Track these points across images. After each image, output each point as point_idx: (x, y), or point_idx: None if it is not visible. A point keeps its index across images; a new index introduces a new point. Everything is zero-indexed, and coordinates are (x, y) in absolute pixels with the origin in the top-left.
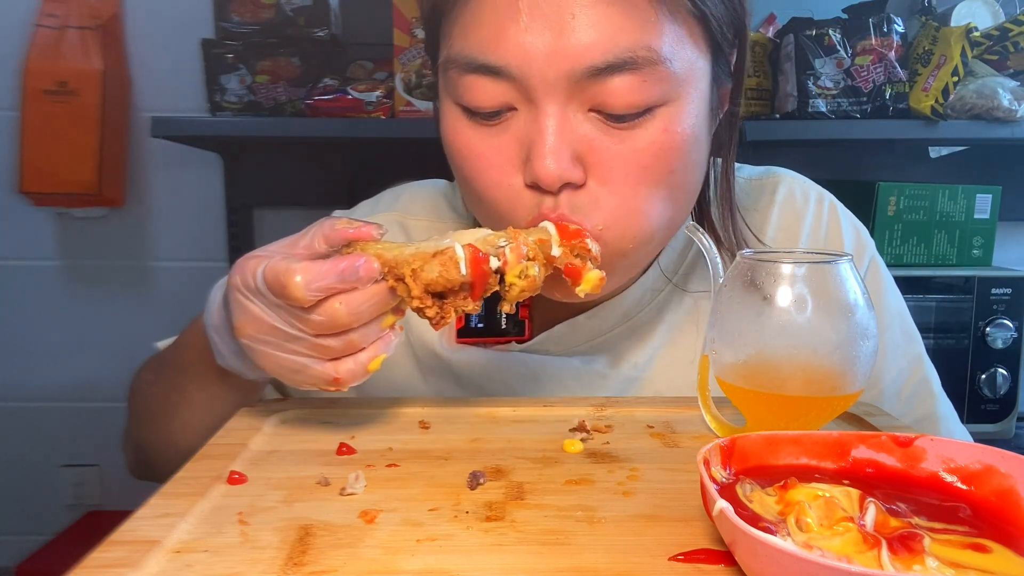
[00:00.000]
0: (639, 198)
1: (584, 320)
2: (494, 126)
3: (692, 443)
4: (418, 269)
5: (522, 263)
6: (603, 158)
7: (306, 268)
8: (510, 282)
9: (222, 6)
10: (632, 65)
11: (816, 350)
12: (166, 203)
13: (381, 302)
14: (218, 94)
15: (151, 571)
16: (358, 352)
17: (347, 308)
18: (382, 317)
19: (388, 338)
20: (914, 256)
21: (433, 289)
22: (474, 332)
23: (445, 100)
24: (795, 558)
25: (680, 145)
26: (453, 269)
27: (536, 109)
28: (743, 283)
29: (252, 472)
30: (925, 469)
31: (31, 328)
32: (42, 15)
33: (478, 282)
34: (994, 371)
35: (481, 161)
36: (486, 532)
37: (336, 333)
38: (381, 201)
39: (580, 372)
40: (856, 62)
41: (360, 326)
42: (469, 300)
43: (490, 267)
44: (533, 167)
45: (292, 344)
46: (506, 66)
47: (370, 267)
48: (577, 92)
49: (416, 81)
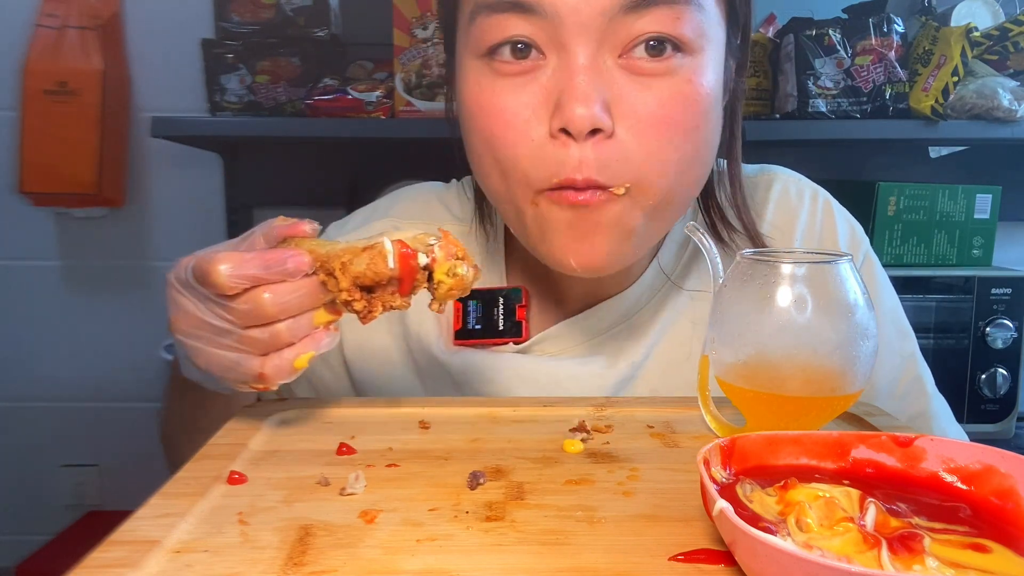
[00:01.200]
0: (664, 152)
1: (581, 320)
2: (519, 77)
3: (692, 443)
4: (347, 262)
5: (451, 261)
6: (631, 107)
7: (230, 255)
8: (438, 280)
9: (222, 6)
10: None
11: (816, 350)
12: (166, 203)
13: (309, 295)
14: (218, 94)
15: (151, 571)
16: (284, 348)
17: (272, 298)
18: (313, 313)
19: (319, 336)
20: (914, 256)
21: (362, 283)
22: (471, 334)
23: (467, 62)
24: (795, 558)
25: (702, 99)
26: (381, 262)
27: (567, 54)
28: (743, 283)
29: (252, 472)
30: (925, 469)
31: (31, 328)
32: (42, 15)
33: (406, 277)
34: (994, 371)
35: (505, 115)
36: (486, 532)
37: (262, 325)
38: (378, 208)
39: (577, 373)
40: (856, 62)
41: (288, 319)
42: (397, 295)
43: (418, 263)
44: (563, 112)
45: (222, 338)
46: (539, 4)
47: (299, 259)
48: (609, 34)
49: (416, 81)
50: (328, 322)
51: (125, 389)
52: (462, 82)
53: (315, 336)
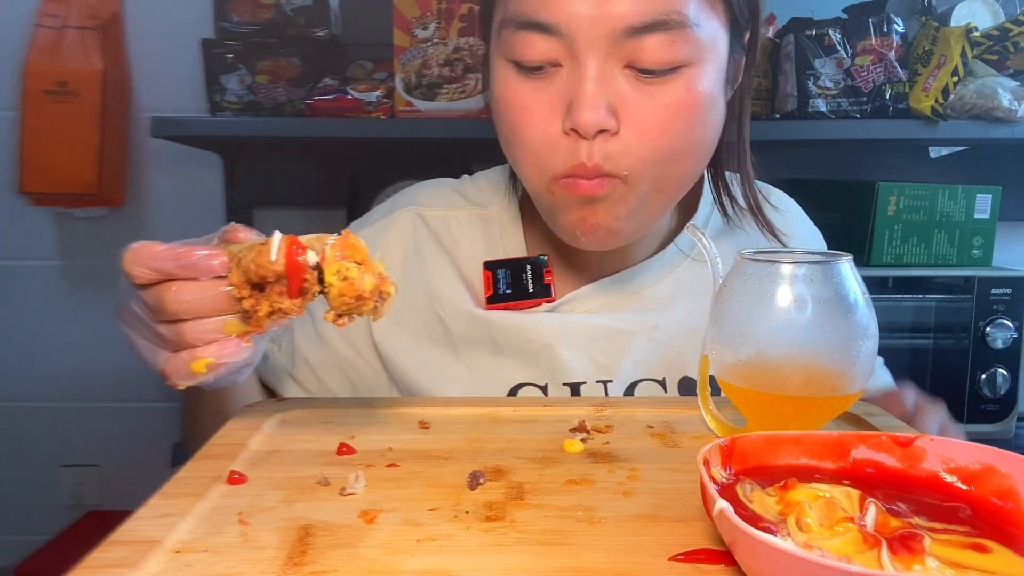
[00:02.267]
0: (661, 149)
1: (608, 283)
2: (540, 79)
3: (692, 443)
4: (242, 257)
5: (343, 263)
6: (634, 110)
7: (144, 246)
8: (328, 282)
9: (222, 6)
10: (664, 26)
11: (816, 350)
12: (166, 203)
13: (211, 299)
14: (218, 94)
15: (151, 571)
16: (186, 350)
17: (175, 294)
18: (222, 320)
19: (225, 344)
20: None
21: (250, 278)
22: (503, 298)
23: (497, 60)
24: (795, 558)
25: (700, 104)
26: (265, 255)
27: (579, 65)
28: (743, 283)
29: (252, 472)
30: (925, 469)
31: (31, 328)
32: (42, 15)
33: (292, 275)
34: (994, 371)
35: (527, 111)
36: (486, 532)
37: (168, 321)
38: (397, 201)
39: (607, 329)
40: (856, 62)
41: (192, 320)
42: (285, 296)
43: (306, 261)
44: (574, 115)
45: (143, 329)
46: (556, 24)
47: (210, 258)
48: (615, 50)
49: (416, 81)
50: (242, 333)
51: (125, 389)
52: (493, 75)
53: (221, 344)
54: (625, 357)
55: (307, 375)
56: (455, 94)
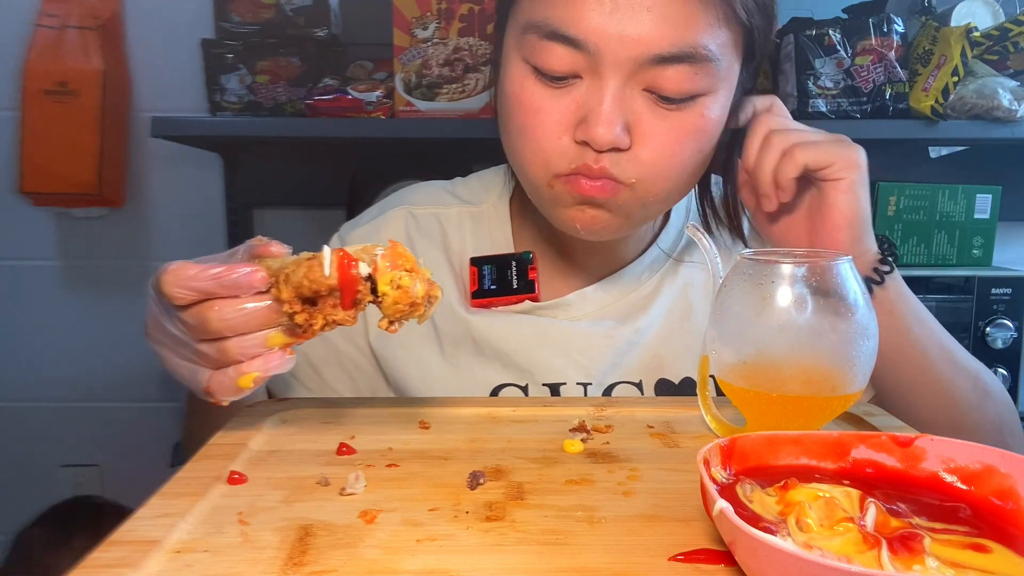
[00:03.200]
0: (670, 166)
1: (591, 291)
2: (558, 88)
3: (692, 443)
4: (290, 272)
5: (395, 272)
6: (648, 131)
7: (182, 267)
8: (382, 291)
9: (222, 6)
10: (690, 59)
11: (816, 350)
12: (166, 203)
13: (256, 314)
14: (218, 94)
15: (151, 571)
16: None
17: (218, 313)
18: (266, 333)
19: (270, 358)
20: (914, 256)
21: (302, 293)
22: (487, 293)
23: (514, 57)
24: (795, 558)
25: (710, 129)
26: (318, 270)
27: (600, 81)
28: (743, 283)
29: (252, 472)
30: (925, 469)
31: (31, 328)
32: (42, 15)
33: (345, 287)
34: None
35: (540, 115)
36: (486, 532)
37: (212, 340)
38: (389, 202)
39: (588, 333)
40: (856, 62)
41: (235, 337)
42: (339, 308)
43: (359, 272)
44: (589, 130)
45: (181, 348)
46: (584, 41)
47: (252, 276)
48: (638, 73)
49: (416, 81)
50: (284, 344)
51: (125, 389)
52: (506, 71)
53: (267, 357)
54: (604, 360)
55: (307, 372)
56: (455, 94)
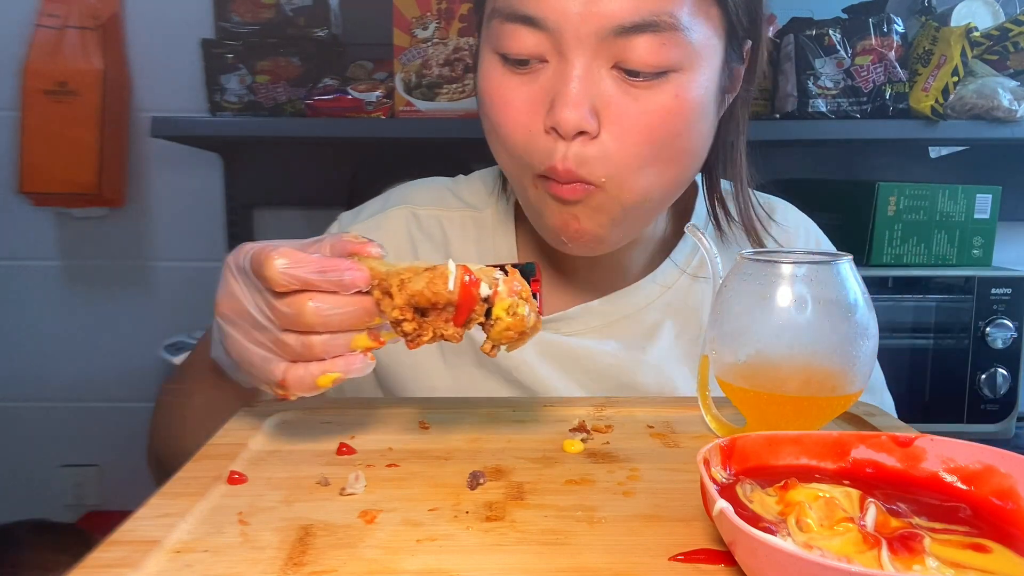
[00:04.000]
0: (643, 156)
1: (597, 305)
2: (525, 74)
3: (692, 443)
4: (407, 280)
5: (513, 299)
6: (617, 113)
7: (291, 252)
8: (496, 315)
9: (222, 6)
10: (654, 27)
11: (816, 350)
12: (166, 203)
13: (354, 314)
14: (218, 94)
15: (151, 571)
16: (314, 362)
17: (316, 307)
18: (353, 335)
19: (352, 360)
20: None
21: (417, 303)
22: None
23: (485, 51)
24: (795, 558)
25: (687, 112)
26: (441, 283)
27: (565, 62)
28: (743, 283)
29: (252, 472)
30: (925, 469)
31: (31, 328)
32: (42, 15)
33: (463, 305)
34: (994, 371)
35: (509, 106)
36: (486, 532)
37: (299, 332)
38: (391, 198)
39: (593, 350)
40: (856, 62)
41: (325, 333)
42: (451, 324)
43: (479, 293)
44: (555, 113)
45: (257, 332)
46: (544, 19)
47: (357, 273)
48: (603, 49)
49: (416, 81)
50: (366, 348)
51: (125, 389)
52: (480, 68)
53: (348, 358)
54: (608, 380)
55: None
56: (455, 94)
